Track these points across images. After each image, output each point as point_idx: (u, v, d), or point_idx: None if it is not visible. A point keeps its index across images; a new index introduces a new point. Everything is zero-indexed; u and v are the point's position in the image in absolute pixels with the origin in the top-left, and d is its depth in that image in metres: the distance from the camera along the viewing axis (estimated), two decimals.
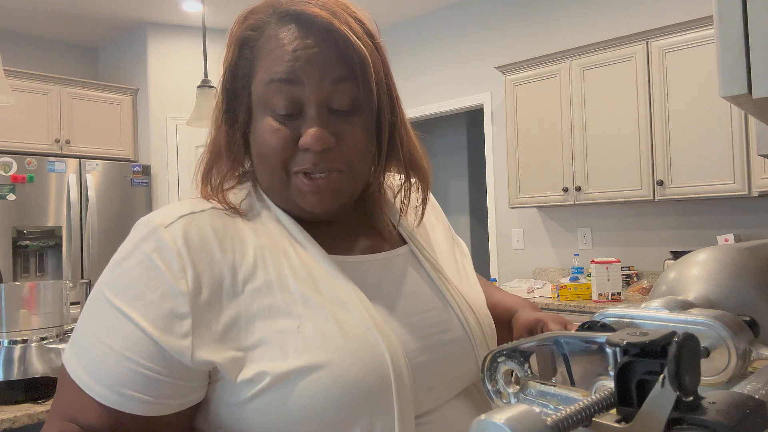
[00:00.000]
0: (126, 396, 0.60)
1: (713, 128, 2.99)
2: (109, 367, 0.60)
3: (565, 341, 0.41)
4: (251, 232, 0.69)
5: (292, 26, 0.67)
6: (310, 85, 0.66)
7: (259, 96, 0.69)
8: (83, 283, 1.88)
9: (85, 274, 4.16)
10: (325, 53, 0.67)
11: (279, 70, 0.66)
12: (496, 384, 0.40)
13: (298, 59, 0.66)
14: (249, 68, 0.70)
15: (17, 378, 1.52)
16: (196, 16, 4.47)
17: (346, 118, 0.69)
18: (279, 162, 0.68)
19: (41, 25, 4.58)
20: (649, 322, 0.46)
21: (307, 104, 0.67)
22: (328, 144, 0.66)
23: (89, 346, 0.63)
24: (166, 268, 0.62)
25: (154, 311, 0.61)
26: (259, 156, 0.70)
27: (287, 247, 0.69)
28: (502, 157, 4.10)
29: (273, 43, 0.68)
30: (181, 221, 0.66)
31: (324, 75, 0.66)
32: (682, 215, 3.42)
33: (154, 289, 0.62)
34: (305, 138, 0.66)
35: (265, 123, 0.68)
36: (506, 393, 0.40)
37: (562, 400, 0.38)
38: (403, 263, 0.77)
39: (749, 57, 0.42)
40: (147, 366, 0.60)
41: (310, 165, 0.67)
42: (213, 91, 3.05)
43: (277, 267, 0.66)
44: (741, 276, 0.55)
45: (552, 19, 3.93)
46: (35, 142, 4.20)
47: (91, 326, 0.64)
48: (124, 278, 0.64)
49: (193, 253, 0.64)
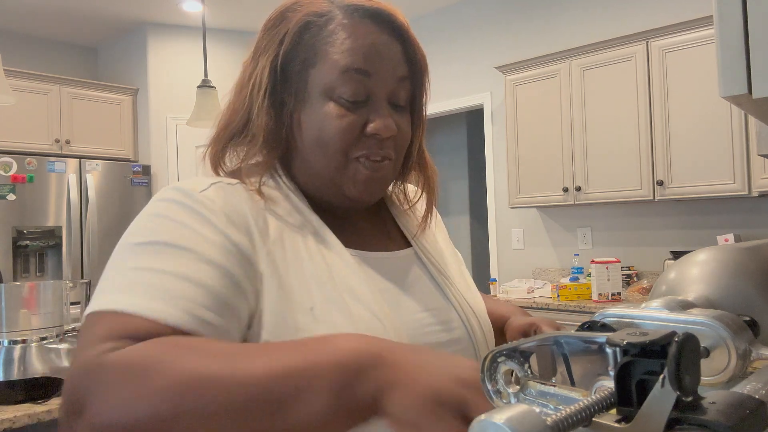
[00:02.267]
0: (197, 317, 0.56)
1: (713, 128, 2.99)
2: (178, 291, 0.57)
3: (565, 341, 0.41)
4: (271, 213, 0.70)
5: (366, 21, 0.71)
6: (381, 78, 0.70)
7: (323, 82, 0.70)
8: (83, 283, 1.87)
9: (85, 274, 4.16)
10: (396, 50, 0.72)
11: (355, 60, 0.69)
12: (496, 384, 0.40)
13: (375, 53, 0.70)
14: (311, 53, 0.71)
15: (17, 378, 1.53)
16: (196, 16, 4.47)
17: (400, 113, 0.74)
18: (341, 146, 0.70)
19: (41, 25, 4.58)
20: (649, 322, 0.46)
21: (375, 95, 0.71)
22: (393, 132, 0.71)
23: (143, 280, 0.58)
24: (216, 218, 0.63)
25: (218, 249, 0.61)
26: (316, 140, 0.71)
27: (306, 234, 0.70)
28: (502, 157, 4.10)
29: (346, 33, 0.70)
30: (214, 188, 0.67)
31: (394, 70, 0.71)
32: (682, 215, 3.42)
33: (211, 233, 0.62)
34: (376, 124, 0.70)
35: (328, 108, 0.70)
36: (506, 393, 0.40)
37: (562, 400, 0.38)
38: (409, 263, 0.79)
39: (749, 57, 0.42)
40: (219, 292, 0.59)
41: (375, 149, 0.70)
42: (213, 91, 3.05)
43: (294, 248, 0.68)
44: (741, 276, 0.55)
45: (552, 19, 3.93)
46: (35, 142, 4.20)
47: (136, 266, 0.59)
48: (169, 223, 0.63)
49: (231, 214, 0.65)
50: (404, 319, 0.70)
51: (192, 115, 3.05)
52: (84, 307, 1.86)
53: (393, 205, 0.85)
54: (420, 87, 0.76)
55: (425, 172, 0.82)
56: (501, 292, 3.66)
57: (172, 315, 0.55)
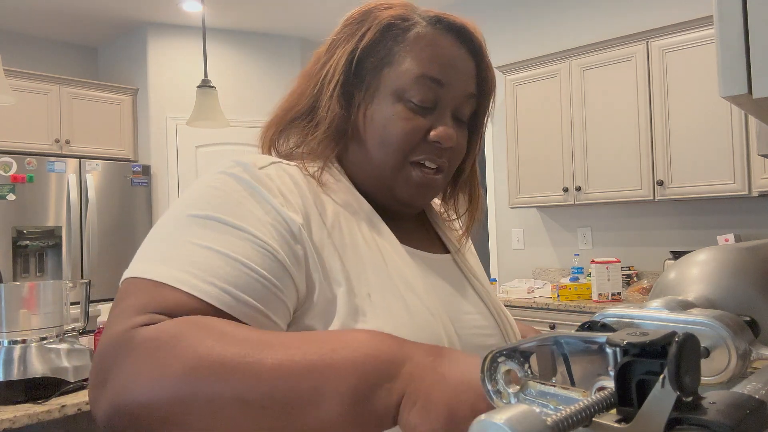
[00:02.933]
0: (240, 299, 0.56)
1: (713, 128, 2.99)
2: (223, 270, 0.56)
3: (565, 341, 0.41)
4: (329, 199, 0.70)
5: (449, 34, 0.74)
6: (452, 91, 0.73)
7: (396, 83, 0.72)
8: (83, 283, 1.87)
9: (85, 274, 4.16)
10: (470, 68, 0.75)
11: (431, 69, 0.72)
12: (496, 384, 0.40)
13: (450, 65, 0.73)
14: (389, 54, 0.73)
15: (17, 378, 1.52)
16: (196, 16, 4.47)
17: (461, 128, 0.76)
18: (403, 147, 0.72)
19: (41, 25, 4.58)
20: (649, 322, 0.46)
21: (443, 105, 0.73)
22: (454, 143, 0.74)
23: (184, 252, 0.57)
24: (273, 197, 0.63)
25: (270, 231, 0.61)
26: (379, 138, 0.72)
27: (361, 223, 0.70)
28: (502, 157, 4.10)
29: (427, 41, 0.73)
30: (274, 166, 0.68)
31: (465, 86, 0.74)
32: (682, 215, 3.42)
33: (265, 213, 0.62)
34: (439, 132, 0.72)
35: (396, 108, 0.72)
36: (506, 393, 0.40)
37: (562, 400, 0.38)
38: (451, 267, 0.81)
39: (749, 57, 0.42)
40: (265, 276, 0.58)
41: (434, 156, 0.73)
42: (213, 91, 3.05)
43: (351, 234, 0.68)
44: (741, 276, 0.55)
45: (552, 19, 3.93)
46: (35, 142, 4.20)
47: (180, 237, 0.59)
48: (226, 198, 0.62)
49: (288, 194, 0.65)
50: (454, 316, 0.71)
51: (192, 115, 3.05)
52: (84, 306, 1.87)
53: (432, 212, 0.88)
54: (484, 107, 0.79)
55: (475, 191, 0.85)
56: (501, 292, 3.66)
57: (210, 294, 0.55)
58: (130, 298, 0.55)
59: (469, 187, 0.85)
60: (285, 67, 4.89)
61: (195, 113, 3.03)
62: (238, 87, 4.73)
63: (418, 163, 0.73)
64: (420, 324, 0.64)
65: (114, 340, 0.52)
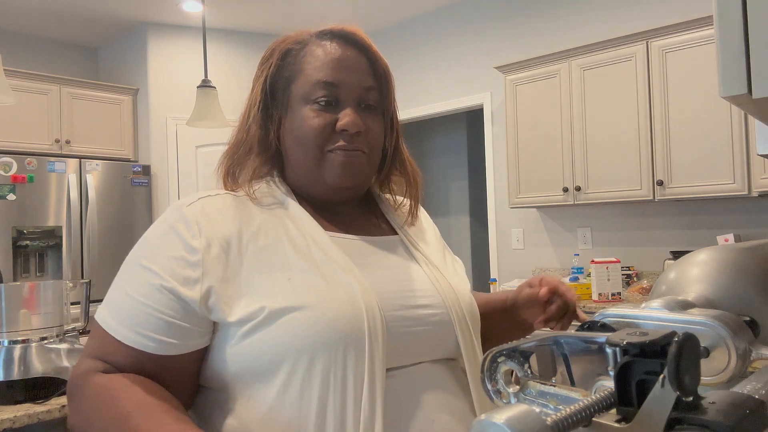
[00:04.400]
0: (144, 336, 0.74)
1: (713, 128, 2.99)
2: (132, 312, 0.74)
3: (565, 341, 0.41)
4: (258, 211, 0.83)
5: (334, 41, 0.87)
6: (347, 87, 0.85)
7: (301, 92, 0.86)
8: (83, 283, 1.87)
9: (85, 274, 4.16)
10: (362, 63, 0.87)
11: (326, 74, 0.84)
12: (496, 384, 0.40)
13: (341, 66, 0.85)
14: (291, 72, 0.87)
15: (17, 378, 1.52)
16: (196, 16, 4.47)
17: (371, 116, 0.87)
18: (317, 142, 0.84)
19: (41, 25, 4.57)
20: (649, 322, 0.46)
21: (343, 100, 0.85)
22: (360, 128, 0.84)
23: (118, 299, 0.77)
24: (185, 231, 0.78)
25: (172, 265, 0.75)
26: (297, 139, 0.86)
27: (287, 222, 0.83)
28: (502, 157, 4.10)
29: (318, 52, 0.86)
30: (201, 201, 0.82)
31: (359, 80, 0.86)
32: (682, 215, 3.42)
33: (173, 248, 0.77)
34: (343, 121, 0.83)
35: (305, 111, 0.85)
36: (506, 393, 0.40)
37: (562, 400, 0.38)
38: (392, 246, 0.90)
39: (749, 57, 0.42)
40: (163, 311, 0.74)
41: (344, 143, 0.84)
42: (213, 91, 3.05)
43: (276, 235, 0.80)
44: (741, 276, 0.55)
45: (552, 19, 3.93)
46: (35, 142, 4.20)
47: (120, 284, 0.79)
48: (149, 243, 0.80)
49: (207, 221, 0.79)
50: (380, 284, 0.80)
51: (192, 115, 3.05)
52: (84, 306, 1.87)
53: (382, 203, 0.98)
54: (387, 95, 0.89)
55: (405, 170, 0.95)
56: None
57: (131, 339, 0.74)
58: (92, 340, 0.79)
59: (400, 167, 0.96)
60: None
61: (195, 113, 3.03)
62: (238, 87, 4.73)
63: (335, 151, 0.84)
64: (336, 289, 0.75)
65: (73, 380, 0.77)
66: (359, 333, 0.72)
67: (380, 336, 0.74)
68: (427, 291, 0.84)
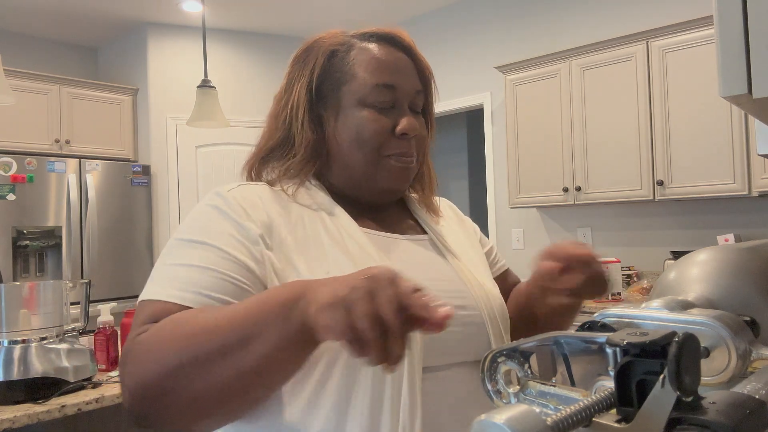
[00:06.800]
0: (212, 297, 0.72)
1: (713, 128, 2.99)
2: (195, 278, 0.73)
3: (565, 341, 0.41)
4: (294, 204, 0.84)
5: (384, 44, 0.87)
6: (403, 89, 0.85)
7: (357, 95, 0.84)
8: (83, 283, 1.87)
9: (85, 274, 4.15)
10: (410, 66, 0.88)
11: (384, 76, 0.84)
12: (496, 384, 0.40)
13: (396, 69, 0.85)
14: (341, 74, 0.86)
15: (17, 378, 1.52)
16: (196, 16, 4.47)
17: (419, 119, 0.88)
18: (376, 144, 0.84)
19: (41, 25, 4.57)
20: (649, 322, 0.46)
21: (400, 103, 0.85)
22: (418, 132, 0.86)
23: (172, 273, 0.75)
24: (234, 213, 0.78)
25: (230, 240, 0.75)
26: (354, 141, 0.84)
27: (323, 215, 0.83)
28: (502, 157, 4.10)
29: (369, 55, 0.86)
30: (240, 187, 0.83)
31: (413, 84, 0.87)
32: (682, 215, 3.42)
33: (229, 227, 0.77)
34: (404, 124, 0.84)
35: (363, 114, 0.84)
36: (506, 393, 0.40)
37: (562, 400, 0.38)
38: (424, 246, 0.90)
39: (749, 57, 0.42)
40: (232, 276, 0.73)
41: (406, 149, 0.85)
42: (213, 91, 3.05)
43: (313, 227, 0.81)
44: (741, 276, 0.55)
45: (552, 19, 3.93)
46: (35, 142, 4.20)
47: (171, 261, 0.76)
48: (198, 224, 0.79)
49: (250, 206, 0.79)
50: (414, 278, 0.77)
51: (192, 115, 3.05)
52: (84, 306, 1.87)
53: (411, 202, 0.98)
54: (430, 96, 0.91)
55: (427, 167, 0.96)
56: None
57: (185, 298, 0.72)
58: (138, 317, 0.75)
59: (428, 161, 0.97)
60: (285, 67, 4.88)
61: (195, 113, 3.03)
62: (238, 87, 4.73)
63: (393, 156, 0.84)
64: None
65: (125, 349, 0.72)
66: None
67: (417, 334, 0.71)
68: (461, 291, 0.83)
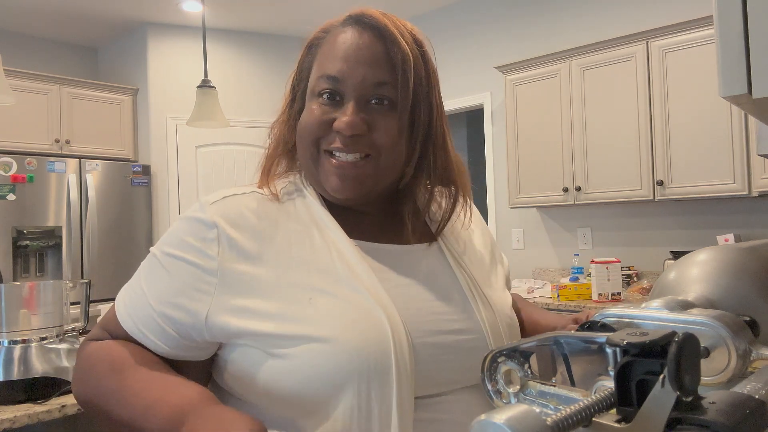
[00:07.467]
0: (144, 335, 0.76)
1: (713, 128, 2.99)
2: (140, 310, 0.76)
3: (565, 341, 0.41)
4: (284, 216, 0.78)
5: (349, 28, 0.78)
6: (351, 83, 0.75)
7: (311, 86, 0.79)
8: (83, 283, 1.87)
9: (85, 274, 4.15)
10: (377, 53, 0.76)
11: (329, 67, 0.76)
12: (496, 384, 0.40)
13: (348, 58, 0.76)
14: (310, 64, 0.81)
15: (17, 378, 1.52)
16: (196, 16, 4.47)
17: (383, 112, 0.76)
18: (312, 137, 0.77)
19: (41, 25, 4.57)
20: (649, 322, 0.46)
21: (346, 96, 0.76)
22: (358, 131, 0.75)
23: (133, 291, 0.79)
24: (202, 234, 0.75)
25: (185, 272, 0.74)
26: (298, 134, 0.80)
27: (312, 230, 0.77)
28: (502, 157, 4.10)
29: (331, 43, 0.78)
30: (225, 200, 0.78)
31: (365, 74, 0.75)
32: (682, 215, 3.42)
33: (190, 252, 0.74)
34: (338, 122, 0.75)
35: (311, 106, 0.78)
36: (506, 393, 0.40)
37: (562, 400, 0.38)
38: (426, 256, 0.82)
39: (749, 57, 0.42)
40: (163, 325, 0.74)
41: (340, 145, 0.75)
42: (213, 91, 3.05)
43: (299, 247, 0.75)
44: (741, 276, 0.55)
45: (552, 19, 3.93)
46: (35, 142, 4.20)
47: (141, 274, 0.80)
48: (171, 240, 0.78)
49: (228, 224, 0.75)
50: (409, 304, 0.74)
51: (192, 115, 3.05)
52: (84, 306, 1.87)
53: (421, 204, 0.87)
54: (405, 89, 0.75)
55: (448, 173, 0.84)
56: None
57: (126, 323, 0.78)
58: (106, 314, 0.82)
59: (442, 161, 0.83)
60: (285, 67, 4.88)
61: (195, 113, 3.03)
62: (238, 87, 4.73)
63: (329, 152, 0.77)
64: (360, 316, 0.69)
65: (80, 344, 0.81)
66: (386, 365, 0.67)
67: (408, 366, 0.68)
68: (461, 312, 0.77)
